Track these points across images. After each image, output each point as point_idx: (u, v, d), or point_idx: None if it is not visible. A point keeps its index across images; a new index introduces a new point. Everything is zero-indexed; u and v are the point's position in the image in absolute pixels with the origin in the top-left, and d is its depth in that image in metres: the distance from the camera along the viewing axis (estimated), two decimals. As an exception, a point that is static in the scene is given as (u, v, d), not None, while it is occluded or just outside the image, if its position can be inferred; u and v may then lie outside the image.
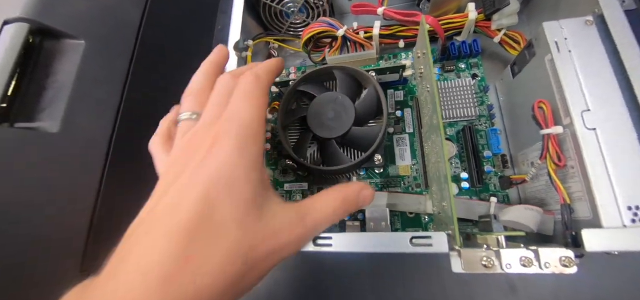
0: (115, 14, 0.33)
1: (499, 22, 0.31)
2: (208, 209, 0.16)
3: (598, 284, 0.30)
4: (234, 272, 0.16)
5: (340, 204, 0.21)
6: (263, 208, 0.18)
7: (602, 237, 0.19)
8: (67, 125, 0.27)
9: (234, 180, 0.17)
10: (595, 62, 0.23)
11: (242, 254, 0.16)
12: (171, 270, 0.15)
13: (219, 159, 0.17)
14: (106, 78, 0.30)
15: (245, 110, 0.19)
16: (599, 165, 0.21)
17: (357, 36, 0.33)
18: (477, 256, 0.20)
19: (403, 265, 0.33)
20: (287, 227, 0.19)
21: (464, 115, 0.31)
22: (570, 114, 0.22)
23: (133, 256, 0.15)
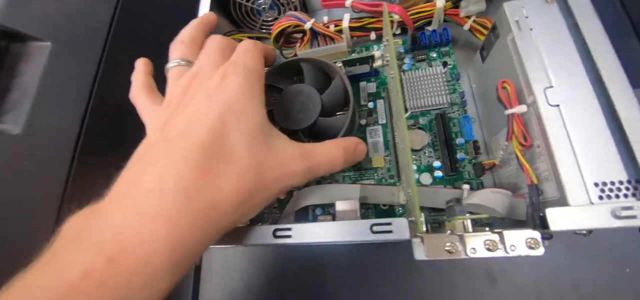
0: (84, 17, 0.33)
1: (467, 9, 0.31)
2: (223, 130, 0.18)
3: (579, 268, 0.29)
4: (246, 189, 0.18)
5: (341, 153, 0.23)
6: (271, 140, 0.20)
7: (567, 216, 0.18)
8: (31, 126, 0.27)
9: (245, 109, 0.19)
10: (557, 38, 0.22)
11: (253, 174, 0.18)
12: (190, 184, 0.16)
13: (231, 91, 0.19)
14: (73, 79, 0.30)
15: (248, 59, 0.22)
16: (564, 142, 0.20)
17: (326, 29, 0.33)
18: (440, 242, 0.20)
19: (382, 257, 0.32)
20: (292, 160, 0.20)
21: (435, 104, 0.31)
22: (533, 91, 0.21)
23: (148, 175, 0.16)
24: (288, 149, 0.21)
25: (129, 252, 0.14)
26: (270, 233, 0.22)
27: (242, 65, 0.21)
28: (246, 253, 0.35)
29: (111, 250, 0.13)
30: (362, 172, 0.31)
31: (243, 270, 0.34)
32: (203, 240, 0.16)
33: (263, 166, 0.19)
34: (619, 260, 0.29)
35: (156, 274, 0.14)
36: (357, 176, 0.31)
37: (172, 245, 0.15)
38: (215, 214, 0.16)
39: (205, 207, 0.16)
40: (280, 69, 0.31)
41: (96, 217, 0.15)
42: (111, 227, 0.14)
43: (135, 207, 0.15)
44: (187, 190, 0.15)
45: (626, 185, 0.19)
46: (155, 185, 0.15)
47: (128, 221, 0.14)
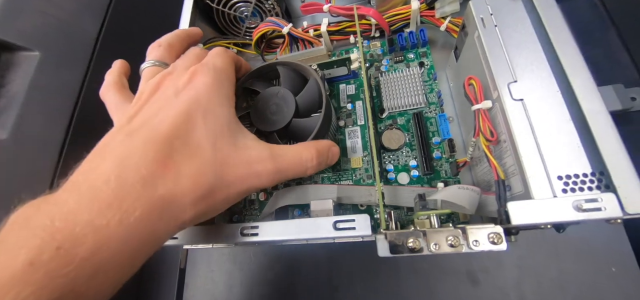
0: (72, 29, 0.34)
1: (442, 10, 0.31)
2: (187, 125, 0.18)
3: (564, 268, 0.28)
4: (206, 184, 0.18)
5: (314, 154, 0.23)
6: (237, 138, 0.20)
7: (529, 210, 0.18)
8: (17, 132, 0.28)
9: (211, 107, 0.19)
10: (521, 34, 0.22)
11: (214, 170, 0.18)
12: (148, 174, 0.16)
13: (198, 89, 0.19)
14: (60, 88, 0.31)
15: (218, 61, 0.22)
16: (527, 136, 0.20)
17: (305, 34, 0.34)
18: (403, 238, 0.20)
19: (362, 259, 0.32)
20: (259, 160, 0.20)
21: (412, 104, 0.31)
22: (497, 86, 0.21)
23: (106, 164, 0.16)
24: (256, 149, 0.21)
25: (79, 241, 0.13)
26: (237, 232, 0.22)
27: (211, 66, 0.21)
28: (230, 256, 0.35)
29: (60, 238, 0.13)
30: (341, 173, 0.31)
31: (226, 273, 0.34)
32: (157, 233, 0.16)
33: (226, 163, 0.19)
34: (604, 259, 0.28)
35: (105, 264, 0.14)
36: (335, 177, 0.31)
37: (124, 235, 0.14)
38: (172, 206, 0.16)
39: (161, 199, 0.16)
40: (257, 72, 0.31)
41: (48, 205, 0.14)
42: (62, 215, 0.14)
43: (89, 196, 0.14)
44: (144, 180, 0.15)
45: (590, 178, 0.18)
46: (112, 174, 0.15)
47: (80, 209, 0.14)
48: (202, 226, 0.23)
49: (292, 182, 0.32)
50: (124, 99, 0.23)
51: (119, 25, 0.37)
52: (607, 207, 0.17)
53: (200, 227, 0.23)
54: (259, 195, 0.33)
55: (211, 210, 0.19)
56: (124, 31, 0.38)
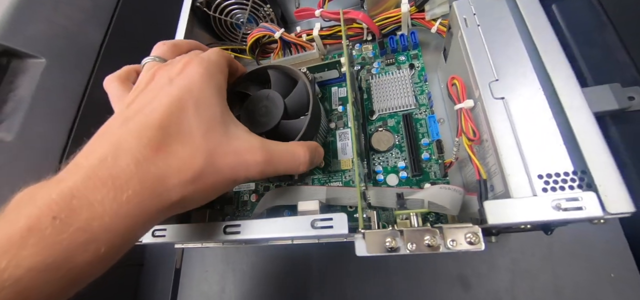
0: (77, 37, 0.36)
1: (432, 12, 0.31)
2: (180, 113, 0.19)
3: (560, 273, 0.27)
4: (196, 168, 0.18)
5: (307, 151, 0.24)
6: (228, 128, 0.20)
7: (505, 209, 0.18)
8: (23, 134, 0.30)
9: (202, 96, 0.20)
10: (503, 33, 0.22)
11: (204, 156, 0.18)
12: (141, 157, 0.17)
13: (191, 77, 0.20)
14: (64, 93, 0.33)
15: (213, 55, 0.23)
16: (508, 134, 0.20)
17: (297, 38, 0.34)
18: (380, 238, 0.20)
19: (354, 263, 0.32)
20: (250, 150, 0.20)
21: (402, 105, 0.31)
22: (479, 85, 0.21)
23: (104, 146, 0.17)
24: (247, 139, 0.21)
25: (74, 213, 0.14)
26: (221, 229, 0.22)
27: (205, 58, 0.22)
28: (224, 257, 0.36)
29: (57, 210, 0.14)
30: (331, 175, 0.31)
31: (219, 273, 0.35)
32: (149, 212, 0.17)
33: (216, 150, 0.19)
34: (603, 264, 0.27)
35: (98, 236, 0.15)
36: (325, 179, 0.31)
37: (117, 210, 0.15)
38: (162, 187, 0.17)
39: (153, 179, 0.17)
40: (249, 76, 0.32)
41: (49, 184, 0.16)
42: (61, 191, 0.15)
43: (86, 174, 0.15)
44: (137, 161, 0.16)
45: (571, 176, 0.18)
46: (109, 154, 0.16)
47: (77, 186, 0.15)
48: (189, 224, 0.24)
49: (283, 183, 0.33)
50: (125, 89, 0.24)
51: (121, 33, 0.39)
52: (587, 206, 0.17)
53: (187, 225, 0.24)
54: (251, 196, 0.33)
55: (199, 195, 0.19)
56: (127, 39, 0.40)
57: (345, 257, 0.32)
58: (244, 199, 0.34)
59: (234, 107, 0.34)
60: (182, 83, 0.20)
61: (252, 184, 0.34)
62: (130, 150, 0.17)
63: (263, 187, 0.33)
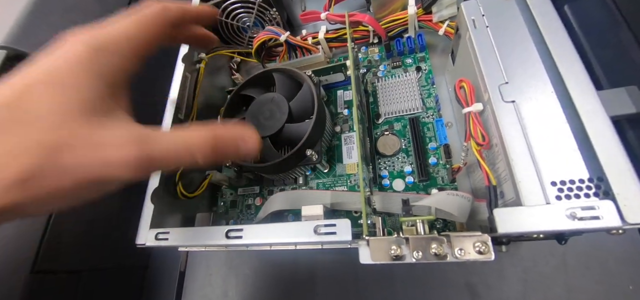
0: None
1: (439, 14, 0.31)
2: (25, 96, 0.15)
3: (574, 285, 0.26)
4: (28, 165, 0.14)
5: (208, 140, 0.18)
6: (97, 117, 0.16)
7: (516, 217, 0.17)
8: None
9: (68, 78, 0.16)
10: (513, 34, 0.21)
11: (44, 149, 0.15)
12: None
13: (59, 55, 0.17)
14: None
15: (119, 22, 0.18)
16: (519, 139, 0.19)
17: (302, 41, 0.34)
18: (385, 245, 0.19)
19: (359, 271, 0.31)
20: (114, 143, 0.16)
21: (409, 109, 0.30)
22: (488, 88, 0.21)
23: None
24: (116, 131, 0.17)
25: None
26: (223, 234, 0.22)
27: (97, 37, 0.17)
28: (228, 260, 0.36)
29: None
30: (336, 179, 0.31)
31: (222, 277, 0.34)
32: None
33: (66, 143, 0.15)
34: (620, 276, 0.26)
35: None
36: (330, 183, 0.31)
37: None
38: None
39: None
40: (254, 80, 0.32)
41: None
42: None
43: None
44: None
45: (587, 184, 0.17)
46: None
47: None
48: (192, 228, 0.24)
49: (286, 187, 0.32)
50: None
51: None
52: (604, 215, 0.16)
53: (190, 229, 0.24)
54: (255, 199, 0.33)
55: (35, 202, 0.15)
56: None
57: (350, 264, 0.31)
58: (248, 202, 0.34)
59: (239, 110, 0.34)
60: (46, 60, 0.16)
61: (256, 188, 0.34)
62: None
63: (267, 191, 0.33)
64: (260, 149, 0.20)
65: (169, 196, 0.28)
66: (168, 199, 0.28)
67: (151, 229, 0.25)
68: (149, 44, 0.20)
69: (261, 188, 0.33)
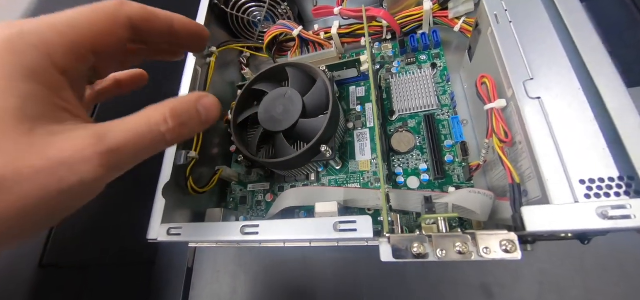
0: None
1: (456, 10, 0.30)
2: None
3: (592, 286, 0.26)
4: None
5: (165, 114, 0.17)
6: (38, 123, 0.14)
7: (547, 215, 0.17)
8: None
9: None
10: (538, 29, 0.21)
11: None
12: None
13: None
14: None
15: (56, 16, 0.16)
16: (545, 136, 0.18)
17: (315, 36, 0.34)
18: (407, 243, 0.19)
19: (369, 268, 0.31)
20: (71, 147, 0.14)
21: (424, 106, 0.30)
22: (512, 84, 0.20)
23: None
24: (67, 134, 0.15)
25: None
26: (238, 229, 0.22)
27: (18, 28, 0.15)
28: (235, 257, 0.35)
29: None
30: (348, 176, 0.30)
31: (231, 274, 0.34)
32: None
33: (7, 156, 0.13)
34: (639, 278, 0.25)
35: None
36: (343, 180, 0.31)
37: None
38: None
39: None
40: (265, 74, 0.32)
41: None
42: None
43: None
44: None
45: (617, 182, 0.17)
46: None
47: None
48: (203, 223, 0.23)
49: (298, 183, 0.32)
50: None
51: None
52: (637, 214, 0.15)
53: (203, 224, 0.23)
54: (266, 196, 0.33)
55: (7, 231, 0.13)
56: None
57: (362, 262, 0.31)
58: (258, 198, 0.33)
59: (250, 105, 0.33)
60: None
61: (266, 184, 0.33)
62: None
63: (278, 187, 0.33)
64: (219, 111, 0.19)
65: (179, 191, 0.28)
66: (178, 195, 0.28)
67: (163, 224, 0.24)
68: (93, 42, 0.17)
69: (272, 184, 0.33)
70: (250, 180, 0.34)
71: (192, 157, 0.28)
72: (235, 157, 0.36)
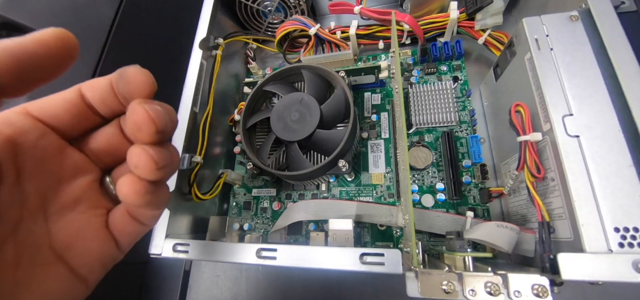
0: (86, 13, 0.32)
1: (483, 21, 0.29)
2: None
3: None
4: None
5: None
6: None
7: (583, 264, 0.16)
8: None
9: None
10: (580, 61, 0.20)
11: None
12: None
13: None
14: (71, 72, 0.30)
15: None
16: (582, 178, 0.18)
17: (332, 35, 0.31)
18: (436, 279, 0.18)
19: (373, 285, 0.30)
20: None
21: (443, 121, 0.29)
22: (550, 118, 0.19)
23: None
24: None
25: None
26: (253, 252, 0.20)
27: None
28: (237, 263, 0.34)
29: None
30: (361, 188, 0.29)
31: (231, 280, 0.33)
32: None
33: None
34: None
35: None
36: (355, 192, 0.29)
37: None
38: None
39: None
40: (280, 74, 0.29)
41: None
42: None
43: None
44: None
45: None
46: None
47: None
48: (215, 242, 0.22)
49: (307, 192, 0.31)
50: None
51: (135, 9, 0.35)
52: (672, 270, 0.15)
53: (215, 243, 0.21)
54: (273, 204, 0.31)
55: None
56: (141, 16, 0.36)
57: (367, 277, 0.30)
58: (263, 205, 0.32)
59: (260, 107, 0.31)
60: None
61: (273, 190, 0.32)
62: None
63: (285, 195, 0.31)
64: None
65: (180, 197, 0.26)
66: (180, 200, 0.26)
67: (167, 239, 0.22)
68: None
69: (278, 191, 0.31)
70: (255, 185, 0.32)
71: (196, 162, 0.26)
72: (239, 159, 0.34)
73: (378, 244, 0.28)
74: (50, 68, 0.12)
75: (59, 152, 0.14)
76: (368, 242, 0.28)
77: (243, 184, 0.33)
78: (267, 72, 0.36)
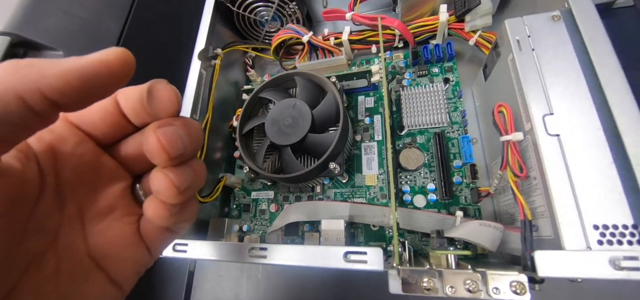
0: (94, 28, 0.34)
1: (473, 23, 0.29)
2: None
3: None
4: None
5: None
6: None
7: (559, 261, 0.17)
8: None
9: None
10: (561, 60, 0.20)
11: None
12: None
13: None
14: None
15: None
16: (562, 177, 0.18)
17: (325, 42, 0.33)
18: (417, 277, 0.18)
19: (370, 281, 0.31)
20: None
21: (434, 122, 0.29)
22: (531, 118, 0.20)
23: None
24: None
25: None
26: (245, 251, 0.21)
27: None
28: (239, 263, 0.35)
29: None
30: (354, 190, 0.30)
31: (233, 279, 0.34)
32: None
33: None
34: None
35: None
36: (348, 193, 0.30)
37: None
38: None
39: None
40: (274, 82, 0.31)
41: None
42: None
43: None
44: None
45: (631, 230, 0.17)
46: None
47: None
48: (211, 241, 0.23)
49: (303, 194, 0.32)
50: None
51: (140, 25, 0.37)
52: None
53: (210, 243, 0.23)
54: (270, 206, 0.32)
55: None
56: (145, 31, 0.38)
57: (367, 275, 0.31)
58: (262, 207, 0.33)
59: (256, 113, 0.33)
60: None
61: (270, 192, 0.33)
62: None
63: (282, 197, 0.32)
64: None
65: (184, 200, 0.27)
66: (183, 204, 0.27)
67: (168, 238, 0.24)
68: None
69: (276, 193, 0.33)
70: (254, 188, 0.34)
71: (196, 166, 0.28)
72: (239, 163, 0.35)
73: (371, 243, 0.28)
74: (109, 86, 0.12)
75: (95, 159, 0.14)
76: (361, 242, 0.28)
77: (243, 187, 0.34)
78: (265, 78, 0.38)
